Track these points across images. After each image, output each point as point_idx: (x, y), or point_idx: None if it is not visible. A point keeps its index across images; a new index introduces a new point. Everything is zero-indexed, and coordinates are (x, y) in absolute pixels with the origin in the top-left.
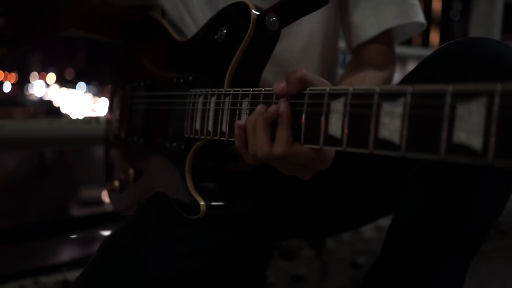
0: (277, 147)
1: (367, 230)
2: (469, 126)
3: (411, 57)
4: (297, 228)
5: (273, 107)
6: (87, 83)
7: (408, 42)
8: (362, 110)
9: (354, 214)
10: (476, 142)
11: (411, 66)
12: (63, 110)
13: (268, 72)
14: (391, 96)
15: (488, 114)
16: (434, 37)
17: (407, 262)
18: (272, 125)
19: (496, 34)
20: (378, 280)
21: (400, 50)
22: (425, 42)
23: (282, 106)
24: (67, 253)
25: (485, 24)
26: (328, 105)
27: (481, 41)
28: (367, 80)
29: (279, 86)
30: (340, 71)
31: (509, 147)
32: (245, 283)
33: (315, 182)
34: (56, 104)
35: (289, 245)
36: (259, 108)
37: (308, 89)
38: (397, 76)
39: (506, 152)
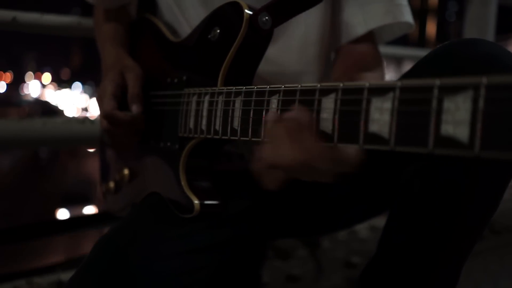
0: (307, 153)
1: (362, 230)
2: (456, 119)
3: (407, 58)
4: (292, 227)
5: (290, 114)
6: (83, 83)
7: (404, 42)
8: (352, 106)
9: (348, 212)
10: (462, 134)
11: (406, 67)
12: (59, 110)
13: (264, 72)
14: (380, 91)
15: (474, 106)
16: (430, 37)
17: (404, 260)
18: (295, 131)
19: (490, 34)
20: (375, 278)
21: (396, 50)
22: (421, 42)
23: (301, 113)
24: (61, 254)
25: (480, 25)
26: (319, 102)
27: (476, 43)
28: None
29: None
30: None
31: (494, 139)
32: (239, 282)
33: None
34: (53, 104)
35: (284, 245)
36: (272, 115)
37: (299, 85)
38: (394, 77)
39: (492, 144)
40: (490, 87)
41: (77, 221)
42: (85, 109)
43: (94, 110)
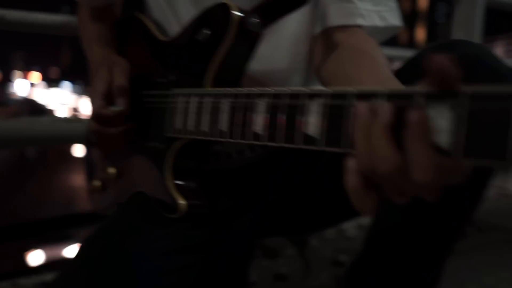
0: (420, 171)
1: (350, 229)
2: (439, 127)
3: (397, 58)
4: (280, 225)
5: (388, 110)
6: (72, 82)
7: (393, 43)
8: (339, 110)
9: (336, 210)
10: (445, 142)
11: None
12: (48, 110)
13: (254, 71)
14: (366, 97)
15: (457, 115)
16: (420, 38)
17: (388, 257)
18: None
19: (477, 36)
20: (360, 274)
21: (386, 51)
22: (411, 43)
23: (416, 115)
24: (46, 255)
25: (467, 26)
26: (307, 106)
27: (459, 44)
28: (379, 63)
29: None
30: None
31: (476, 147)
32: (227, 281)
33: (300, 178)
34: (41, 104)
35: (272, 244)
36: (364, 111)
37: (288, 89)
38: None
39: (474, 152)
40: (473, 97)
41: (63, 221)
42: (75, 109)
43: (84, 110)
